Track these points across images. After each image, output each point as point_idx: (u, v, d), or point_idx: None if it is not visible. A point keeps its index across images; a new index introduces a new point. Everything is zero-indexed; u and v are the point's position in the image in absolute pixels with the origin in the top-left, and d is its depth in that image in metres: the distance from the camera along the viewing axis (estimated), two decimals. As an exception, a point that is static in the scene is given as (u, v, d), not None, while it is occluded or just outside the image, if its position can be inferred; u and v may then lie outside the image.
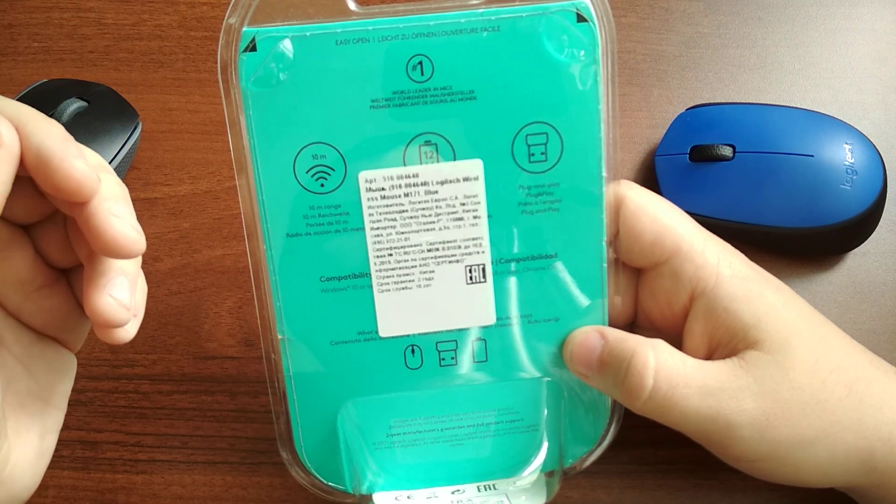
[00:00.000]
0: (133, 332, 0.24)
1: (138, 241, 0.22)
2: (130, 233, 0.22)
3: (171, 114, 0.40)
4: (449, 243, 0.28)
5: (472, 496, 0.30)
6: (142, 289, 0.25)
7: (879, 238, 0.37)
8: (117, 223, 0.21)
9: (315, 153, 0.27)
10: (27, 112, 0.21)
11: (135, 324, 0.24)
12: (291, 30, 0.26)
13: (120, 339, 0.23)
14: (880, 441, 0.28)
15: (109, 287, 0.22)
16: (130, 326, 0.24)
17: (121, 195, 0.23)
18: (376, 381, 0.29)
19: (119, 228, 0.21)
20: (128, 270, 0.23)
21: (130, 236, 0.22)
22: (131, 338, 0.24)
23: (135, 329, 0.24)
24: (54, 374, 0.25)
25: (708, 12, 0.42)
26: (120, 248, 0.21)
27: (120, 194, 0.23)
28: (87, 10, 0.43)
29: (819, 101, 0.40)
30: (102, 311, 0.22)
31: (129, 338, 0.23)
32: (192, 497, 0.34)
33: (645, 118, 0.40)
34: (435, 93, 0.26)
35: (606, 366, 0.28)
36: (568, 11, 0.26)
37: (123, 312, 0.22)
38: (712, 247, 0.29)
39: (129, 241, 0.22)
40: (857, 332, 0.31)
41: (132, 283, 0.23)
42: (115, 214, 0.21)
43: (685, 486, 0.33)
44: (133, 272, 0.23)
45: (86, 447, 0.34)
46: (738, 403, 0.27)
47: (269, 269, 0.28)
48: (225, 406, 0.35)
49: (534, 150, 0.27)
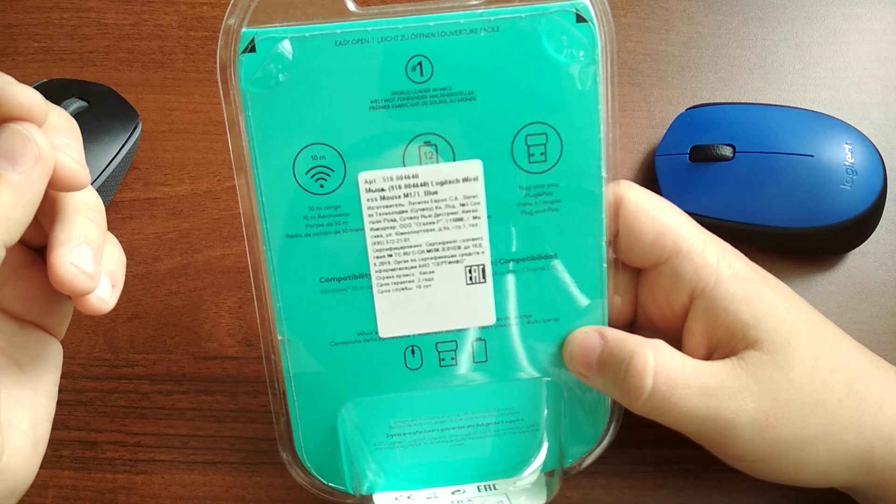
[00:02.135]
0: (111, 303, 0.24)
1: (81, 174, 0.23)
2: (73, 165, 0.22)
3: (171, 114, 0.41)
4: (448, 244, 0.28)
5: (473, 496, 0.30)
6: (117, 258, 0.25)
7: (879, 238, 0.37)
8: (65, 156, 0.22)
9: (314, 154, 0.27)
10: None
11: (114, 294, 0.24)
12: (290, 31, 0.26)
13: (96, 307, 0.23)
14: (880, 441, 0.28)
15: (71, 255, 0.22)
16: (108, 297, 0.24)
17: (68, 128, 0.23)
18: (376, 382, 0.29)
19: (65, 161, 0.22)
20: (91, 238, 0.23)
21: (75, 169, 0.22)
22: (110, 307, 0.24)
23: (113, 299, 0.24)
24: (41, 362, 0.25)
25: (708, 12, 0.42)
26: (60, 181, 0.22)
27: (66, 127, 0.23)
28: (87, 10, 0.43)
29: (819, 101, 0.40)
30: (63, 278, 0.22)
31: (107, 308, 0.24)
32: (192, 497, 0.34)
33: (645, 118, 0.40)
34: (434, 93, 0.26)
35: (606, 366, 0.28)
36: (567, 12, 0.26)
37: (86, 279, 0.23)
38: (712, 247, 0.29)
39: (75, 174, 0.22)
40: (857, 332, 0.31)
41: (97, 251, 0.23)
42: (59, 148, 0.22)
43: (685, 486, 0.33)
44: (97, 240, 0.24)
45: (86, 447, 0.34)
46: (737, 403, 0.27)
47: (269, 269, 0.28)
48: (225, 406, 0.35)
49: (533, 150, 0.27)
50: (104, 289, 0.24)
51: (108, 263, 0.24)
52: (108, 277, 0.24)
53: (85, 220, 0.23)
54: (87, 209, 0.24)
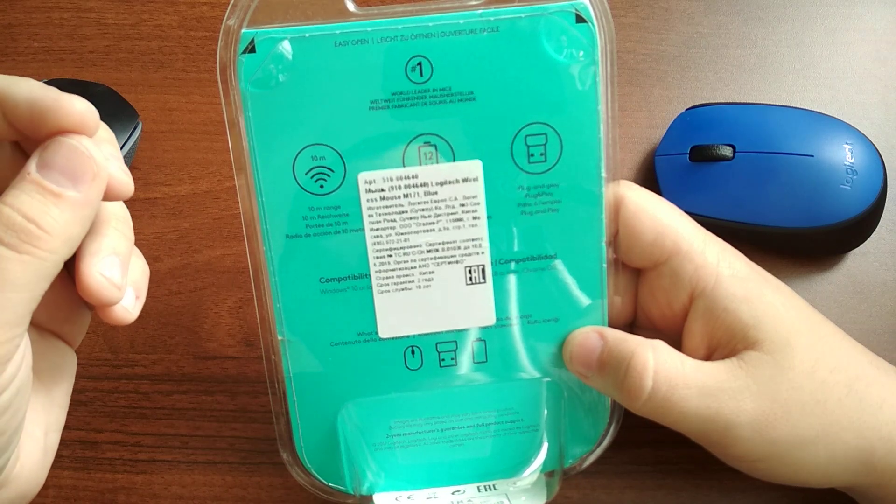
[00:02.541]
0: (135, 314, 0.24)
1: (128, 185, 0.23)
2: (121, 175, 0.22)
3: (171, 114, 0.41)
4: (448, 244, 0.28)
5: (473, 496, 0.30)
6: (142, 270, 0.25)
7: (879, 238, 0.37)
8: (112, 167, 0.22)
9: (314, 154, 0.27)
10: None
11: (137, 305, 0.24)
12: (290, 31, 0.26)
13: (121, 318, 0.24)
14: (880, 440, 0.28)
15: (100, 265, 0.23)
16: (132, 307, 0.24)
17: (109, 139, 0.23)
18: (376, 382, 0.29)
19: (114, 172, 0.22)
20: (119, 250, 0.23)
21: (122, 179, 0.22)
22: (133, 318, 0.24)
23: (136, 310, 0.24)
24: (57, 371, 0.25)
25: (708, 12, 0.42)
26: (110, 192, 0.22)
27: (108, 138, 0.23)
28: (87, 10, 0.43)
29: (819, 101, 0.40)
30: (92, 288, 0.22)
31: (130, 318, 0.24)
32: (192, 497, 0.34)
33: (645, 118, 0.40)
34: (434, 94, 0.26)
35: (606, 366, 0.28)
36: (567, 12, 0.26)
37: (114, 290, 0.23)
38: (712, 247, 0.29)
39: (121, 184, 0.22)
40: (857, 332, 0.31)
41: (124, 262, 0.23)
42: (108, 157, 0.22)
43: (685, 486, 0.33)
44: (125, 251, 0.24)
45: (86, 447, 0.34)
46: (737, 404, 0.27)
47: (269, 270, 0.28)
48: (225, 406, 0.35)
49: (533, 150, 0.27)
50: (129, 300, 0.24)
51: (133, 275, 0.25)
52: (132, 288, 0.24)
53: (114, 232, 0.24)
54: (116, 220, 0.24)
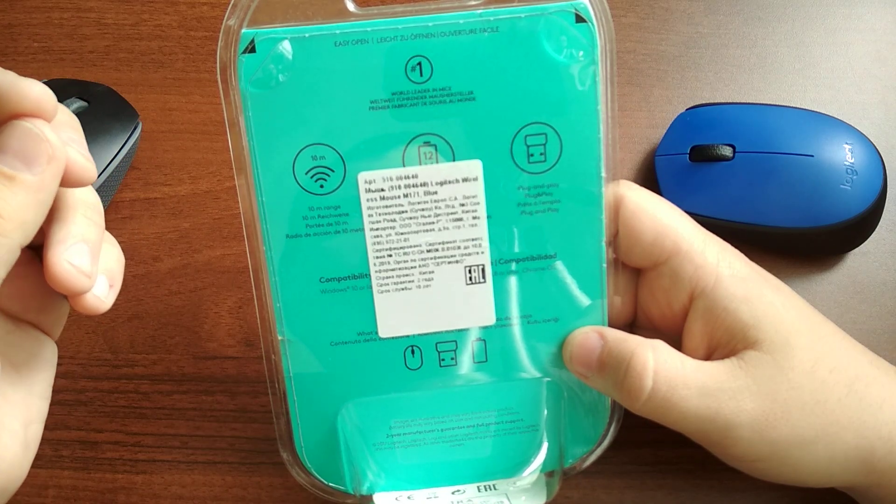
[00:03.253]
0: (108, 303, 0.24)
1: (90, 170, 0.22)
2: (80, 160, 0.22)
3: (171, 114, 0.41)
4: (448, 244, 0.28)
5: (473, 496, 0.30)
6: (116, 258, 0.25)
7: (879, 238, 0.37)
8: (71, 151, 0.22)
9: (314, 154, 0.27)
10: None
11: (111, 294, 0.24)
12: (290, 31, 0.26)
13: (93, 307, 0.23)
14: (880, 440, 0.28)
15: (67, 253, 0.22)
16: (104, 296, 0.24)
17: (70, 123, 0.23)
18: (376, 382, 0.29)
19: (72, 156, 0.22)
20: (88, 237, 0.23)
21: (82, 163, 0.22)
22: (107, 307, 0.24)
23: (111, 299, 0.24)
24: (35, 362, 0.25)
25: (708, 12, 0.42)
26: (69, 177, 0.22)
27: (69, 122, 0.23)
28: (87, 10, 0.43)
29: (819, 101, 0.40)
30: (60, 277, 0.22)
31: (103, 307, 0.24)
32: (192, 497, 0.34)
33: (645, 118, 0.40)
34: (434, 94, 0.26)
35: (606, 366, 0.28)
36: (566, 12, 0.26)
37: (82, 278, 0.22)
38: (712, 247, 0.29)
39: (82, 168, 0.22)
40: (857, 332, 0.31)
41: (93, 250, 0.23)
42: (67, 142, 0.22)
43: (685, 486, 0.33)
44: (94, 239, 0.23)
45: (86, 447, 0.34)
46: (737, 404, 0.27)
47: (269, 270, 0.28)
48: (225, 406, 0.35)
49: (533, 150, 0.27)
50: (101, 288, 0.24)
51: (106, 263, 0.24)
52: (105, 277, 0.24)
53: (82, 219, 0.23)
54: (84, 207, 0.24)
